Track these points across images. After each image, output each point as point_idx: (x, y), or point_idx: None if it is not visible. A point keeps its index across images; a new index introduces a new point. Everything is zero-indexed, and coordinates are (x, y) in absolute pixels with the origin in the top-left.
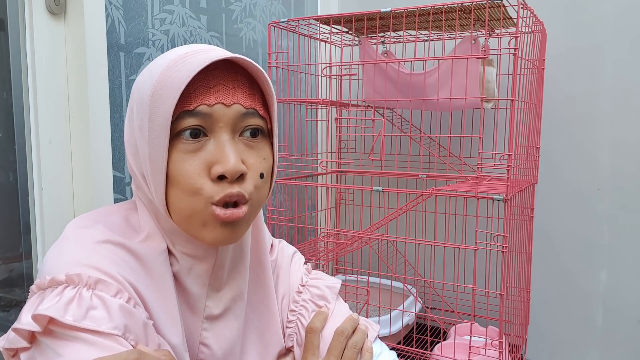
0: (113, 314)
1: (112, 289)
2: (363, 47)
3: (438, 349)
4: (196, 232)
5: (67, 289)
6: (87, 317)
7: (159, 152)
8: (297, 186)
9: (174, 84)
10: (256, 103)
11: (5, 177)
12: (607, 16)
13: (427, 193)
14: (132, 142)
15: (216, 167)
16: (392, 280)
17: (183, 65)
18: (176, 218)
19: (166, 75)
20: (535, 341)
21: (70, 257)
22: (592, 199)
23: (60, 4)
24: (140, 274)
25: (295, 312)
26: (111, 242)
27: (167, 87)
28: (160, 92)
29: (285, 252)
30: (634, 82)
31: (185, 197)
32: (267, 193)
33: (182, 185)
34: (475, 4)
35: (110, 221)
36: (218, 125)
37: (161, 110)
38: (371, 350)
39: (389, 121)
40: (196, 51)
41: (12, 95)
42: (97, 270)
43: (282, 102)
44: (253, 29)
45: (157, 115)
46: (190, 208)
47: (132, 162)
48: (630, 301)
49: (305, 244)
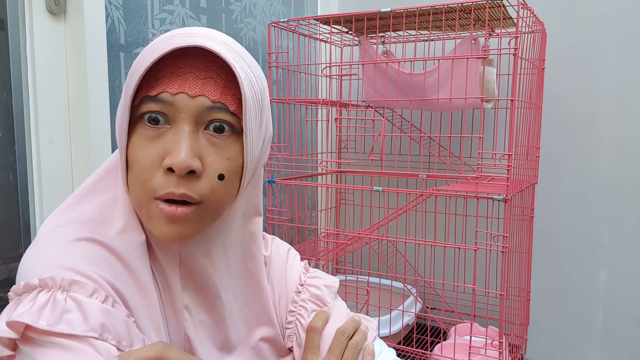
0: (89, 315)
1: (88, 290)
2: (363, 47)
3: (438, 349)
4: (146, 223)
5: (41, 293)
6: (62, 321)
7: (120, 135)
8: (297, 186)
9: (140, 67)
10: (228, 98)
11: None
12: (606, 16)
13: (427, 193)
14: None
15: (167, 158)
16: (392, 280)
17: (157, 46)
18: (133, 205)
19: (142, 57)
20: (535, 341)
21: (43, 260)
22: (592, 199)
23: (60, 4)
24: (117, 269)
25: (294, 312)
26: (85, 239)
27: (135, 70)
28: (131, 74)
29: (280, 250)
30: (634, 82)
31: (136, 185)
32: (229, 195)
33: (135, 172)
34: (476, 4)
35: (83, 212)
36: (180, 116)
37: (126, 92)
38: (373, 353)
39: (389, 121)
40: (180, 34)
41: (12, 95)
42: (71, 271)
43: (282, 102)
44: (253, 29)
45: (125, 96)
46: (137, 197)
47: None
48: (630, 301)
49: (305, 244)
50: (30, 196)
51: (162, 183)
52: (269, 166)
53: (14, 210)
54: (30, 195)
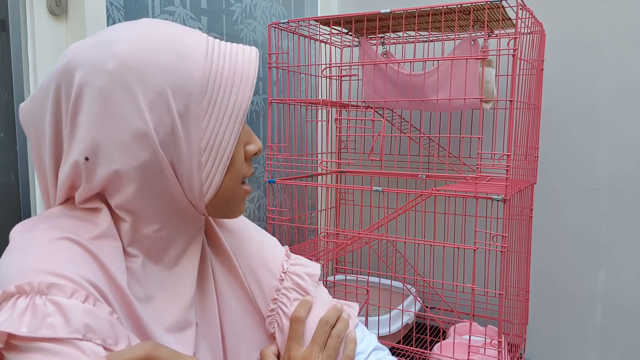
0: (71, 317)
1: (67, 291)
2: (363, 48)
3: (437, 349)
4: (229, 209)
5: (20, 300)
6: (43, 326)
7: (228, 139)
8: (297, 186)
9: (245, 73)
10: None
11: (6, 177)
12: (606, 17)
13: (426, 193)
14: (163, 128)
15: (251, 146)
16: (392, 280)
17: (236, 54)
18: (219, 202)
19: (227, 63)
20: (534, 340)
21: (18, 265)
22: (591, 199)
23: (61, 4)
24: (95, 267)
25: (277, 300)
26: (60, 239)
27: (237, 76)
28: (228, 81)
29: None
30: (633, 82)
31: (236, 178)
32: None
33: (238, 167)
34: (475, 5)
35: (54, 219)
36: None
37: (234, 98)
38: (355, 341)
39: (389, 121)
40: (222, 40)
41: (13, 95)
42: (47, 273)
43: (282, 102)
44: (253, 30)
45: (229, 103)
46: (234, 188)
47: (154, 151)
48: (629, 301)
49: (305, 244)
50: (32, 196)
51: (248, 167)
52: (269, 166)
53: (15, 210)
54: (31, 196)
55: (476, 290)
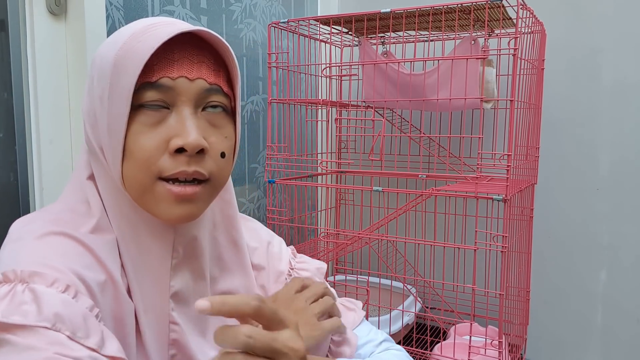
0: (44, 305)
1: (48, 279)
2: (363, 47)
3: (438, 349)
4: (152, 208)
5: (4, 287)
6: (17, 312)
7: (118, 124)
8: (297, 186)
9: (137, 54)
10: (221, 80)
11: (5, 177)
12: (606, 16)
13: (426, 193)
14: (91, 112)
15: (175, 140)
16: (392, 280)
17: (148, 36)
18: (131, 193)
19: (130, 45)
20: (534, 341)
21: (11, 256)
22: (591, 199)
23: (60, 4)
24: (87, 259)
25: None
26: (54, 233)
27: (130, 57)
28: (124, 62)
29: (259, 230)
30: (633, 82)
31: (136, 171)
32: (228, 173)
33: (137, 158)
34: (475, 5)
35: (51, 212)
36: (180, 99)
37: (123, 80)
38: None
39: (389, 121)
40: (161, 23)
41: (12, 95)
42: (35, 263)
43: (282, 102)
44: (253, 29)
45: (118, 86)
46: (140, 182)
47: (90, 133)
48: (630, 301)
49: (305, 244)
50: (31, 196)
51: (170, 164)
52: (269, 166)
53: (14, 210)
54: (30, 196)
55: (477, 290)
